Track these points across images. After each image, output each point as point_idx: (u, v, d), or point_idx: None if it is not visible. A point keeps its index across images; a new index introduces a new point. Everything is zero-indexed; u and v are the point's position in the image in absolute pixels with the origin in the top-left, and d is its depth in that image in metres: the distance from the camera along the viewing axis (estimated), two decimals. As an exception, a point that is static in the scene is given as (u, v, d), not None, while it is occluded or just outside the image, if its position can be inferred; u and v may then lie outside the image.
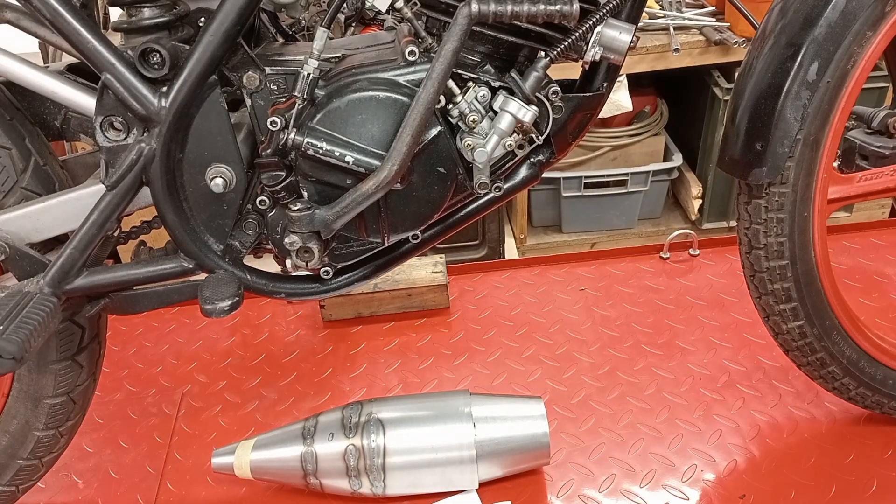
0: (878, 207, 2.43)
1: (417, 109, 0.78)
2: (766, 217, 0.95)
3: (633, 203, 2.53)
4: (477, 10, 0.75)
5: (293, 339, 1.47)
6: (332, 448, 1.05)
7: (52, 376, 0.97)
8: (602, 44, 0.80)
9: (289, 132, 0.81)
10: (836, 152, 0.97)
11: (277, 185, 0.84)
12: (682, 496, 1.10)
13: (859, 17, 0.86)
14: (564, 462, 1.16)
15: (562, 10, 0.76)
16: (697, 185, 2.49)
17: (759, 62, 0.90)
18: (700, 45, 2.17)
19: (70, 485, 1.20)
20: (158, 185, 0.84)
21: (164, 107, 0.81)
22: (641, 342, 1.38)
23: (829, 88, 0.88)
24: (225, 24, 0.79)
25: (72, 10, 0.79)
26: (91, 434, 1.28)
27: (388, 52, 0.87)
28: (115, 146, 0.83)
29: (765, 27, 0.91)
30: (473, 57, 0.84)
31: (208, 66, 0.81)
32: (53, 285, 0.86)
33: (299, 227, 0.84)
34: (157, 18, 0.83)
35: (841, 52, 0.87)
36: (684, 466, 1.14)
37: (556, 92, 0.84)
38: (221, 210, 0.88)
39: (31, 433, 1.01)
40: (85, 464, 1.23)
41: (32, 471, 1.05)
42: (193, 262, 0.90)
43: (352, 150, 0.82)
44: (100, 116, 0.82)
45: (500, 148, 0.83)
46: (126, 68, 0.80)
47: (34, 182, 0.89)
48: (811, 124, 0.89)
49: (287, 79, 0.84)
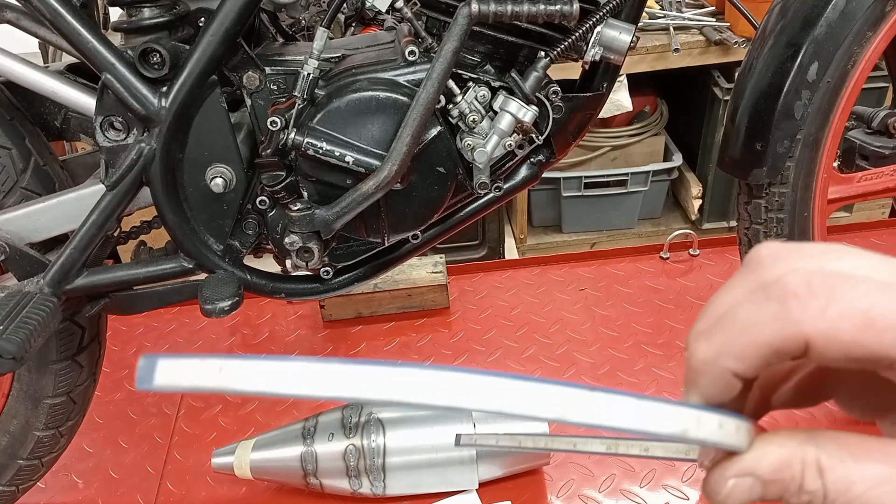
0: (878, 207, 2.43)
1: (417, 109, 0.78)
2: (766, 217, 0.95)
3: (634, 203, 2.52)
4: (477, 10, 0.75)
5: (293, 339, 1.47)
6: (332, 448, 1.05)
7: (52, 376, 0.97)
8: (602, 44, 0.80)
9: (289, 132, 0.81)
10: (837, 152, 0.97)
11: (277, 186, 0.84)
12: (683, 496, 1.09)
13: (859, 17, 0.86)
14: (564, 462, 1.16)
15: (562, 10, 0.76)
16: (697, 185, 2.49)
17: (759, 62, 0.90)
18: (700, 45, 2.17)
19: (70, 485, 1.20)
20: (158, 184, 0.84)
21: (163, 107, 0.81)
22: (641, 342, 1.38)
23: (829, 88, 0.88)
24: (225, 24, 0.79)
25: (72, 10, 0.79)
26: (91, 434, 1.28)
27: (388, 52, 0.87)
28: (115, 146, 0.83)
29: (765, 27, 0.91)
30: (473, 57, 0.84)
31: (208, 66, 0.81)
32: (53, 285, 0.86)
33: (299, 228, 0.84)
34: (157, 18, 0.83)
35: (841, 52, 0.87)
36: (684, 466, 1.14)
37: (556, 92, 0.84)
38: (221, 210, 0.88)
39: (32, 433, 1.01)
40: (85, 464, 1.23)
41: (32, 471, 1.05)
42: (193, 262, 0.90)
43: (352, 150, 0.82)
44: (100, 116, 0.82)
45: (500, 148, 0.83)
46: (126, 68, 0.80)
47: (34, 182, 0.88)
48: (811, 124, 0.89)
49: (287, 79, 0.84)
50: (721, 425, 0.30)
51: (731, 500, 0.31)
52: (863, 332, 0.27)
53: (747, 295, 0.30)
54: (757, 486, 0.30)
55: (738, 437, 0.30)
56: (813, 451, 0.29)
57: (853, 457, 0.28)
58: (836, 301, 0.27)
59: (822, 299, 0.28)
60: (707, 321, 0.32)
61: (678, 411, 0.29)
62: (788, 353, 0.29)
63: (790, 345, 0.28)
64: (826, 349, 0.28)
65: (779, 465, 0.29)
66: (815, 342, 0.28)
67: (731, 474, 0.30)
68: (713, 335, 0.30)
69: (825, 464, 0.29)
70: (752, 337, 0.29)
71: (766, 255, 0.31)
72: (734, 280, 0.32)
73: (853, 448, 0.29)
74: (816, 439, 0.29)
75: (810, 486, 0.29)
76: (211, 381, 0.29)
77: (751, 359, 0.29)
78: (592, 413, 0.28)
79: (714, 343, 0.30)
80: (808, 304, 0.28)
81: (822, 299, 0.28)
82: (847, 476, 0.28)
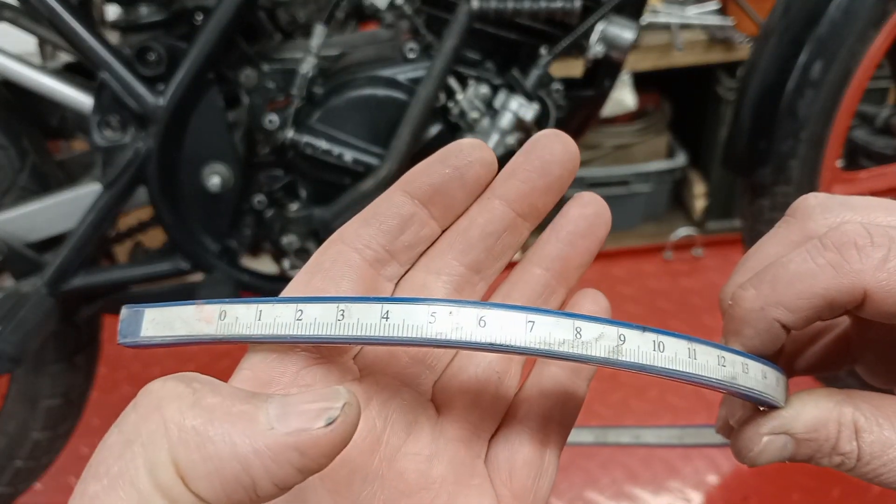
0: (882, 207, 2.42)
1: (417, 107, 0.78)
2: (769, 217, 0.94)
3: (636, 202, 2.51)
4: (478, 7, 0.75)
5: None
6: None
7: (50, 377, 0.96)
8: (605, 41, 0.79)
9: (287, 130, 0.80)
10: (840, 151, 0.97)
11: (275, 185, 0.84)
12: (685, 499, 1.09)
13: (862, 15, 0.85)
14: (567, 465, 1.15)
15: (564, 7, 0.75)
16: (702, 185, 2.48)
17: (762, 60, 0.90)
18: (704, 43, 2.16)
19: (67, 486, 1.19)
20: (155, 183, 0.83)
21: (160, 105, 0.80)
22: (644, 343, 1.37)
23: (832, 87, 0.87)
24: (222, 22, 0.79)
25: (69, 8, 0.78)
26: (88, 436, 1.28)
27: (388, 49, 0.86)
28: (113, 145, 0.82)
29: (768, 25, 0.91)
30: (474, 54, 0.83)
31: (205, 65, 0.80)
32: (50, 286, 0.86)
33: (297, 227, 0.83)
34: (154, 16, 0.82)
35: (844, 50, 0.86)
36: (687, 469, 1.13)
37: (558, 90, 0.83)
38: (218, 209, 0.87)
39: (29, 434, 1.00)
40: (82, 465, 1.22)
41: (30, 472, 1.05)
42: (190, 262, 0.89)
43: (350, 148, 0.81)
44: (97, 115, 0.82)
45: (500, 147, 0.82)
46: (123, 67, 0.79)
47: (31, 181, 0.88)
48: (815, 123, 0.89)
49: (285, 76, 0.83)
50: (765, 375, 0.28)
51: (763, 457, 0.30)
52: None
53: (796, 245, 0.29)
54: (790, 445, 0.29)
55: (778, 390, 0.29)
56: (850, 411, 0.28)
57: (889, 419, 0.28)
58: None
59: (883, 250, 0.27)
60: (750, 271, 0.30)
61: (726, 356, 0.28)
62: (843, 305, 0.28)
63: (846, 296, 0.27)
64: (884, 302, 0.27)
65: (815, 423, 0.29)
66: (873, 294, 0.27)
67: (767, 430, 0.29)
68: (762, 284, 0.29)
69: (862, 425, 0.28)
70: (805, 286, 0.28)
71: (815, 206, 0.30)
72: (777, 231, 0.31)
73: (888, 411, 0.28)
74: (854, 400, 0.29)
75: (845, 447, 0.28)
76: (208, 328, 0.27)
77: (803, 310, 0.28)
78: (641, 354, 0.26)
79: (763, 292, 0.29)
80: (870, 254, 0.27)
81: (883, 250, 0.27)
82: (884, 438, 0.28)
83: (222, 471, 0.22)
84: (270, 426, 0.22)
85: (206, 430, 0.22)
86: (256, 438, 0.22)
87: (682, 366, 0.27)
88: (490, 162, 0.31)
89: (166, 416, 0.23)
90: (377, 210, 0.31)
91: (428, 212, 0.31)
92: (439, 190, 0.31)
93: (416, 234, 0.31)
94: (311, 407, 0.23)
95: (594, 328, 0.26)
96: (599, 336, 0.26)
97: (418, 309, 0.26)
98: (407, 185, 0.31)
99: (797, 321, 0.28)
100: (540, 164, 0.31)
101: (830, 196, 0.30)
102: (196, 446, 0.22)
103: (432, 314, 0.26)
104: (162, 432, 0.22)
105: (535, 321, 0.26)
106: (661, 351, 0.27)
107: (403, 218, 0.31)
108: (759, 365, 0.28)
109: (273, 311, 0.27)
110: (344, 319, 0.26)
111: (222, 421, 0.22)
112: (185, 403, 0.23)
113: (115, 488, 0.22)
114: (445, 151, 0.31)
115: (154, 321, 0.28)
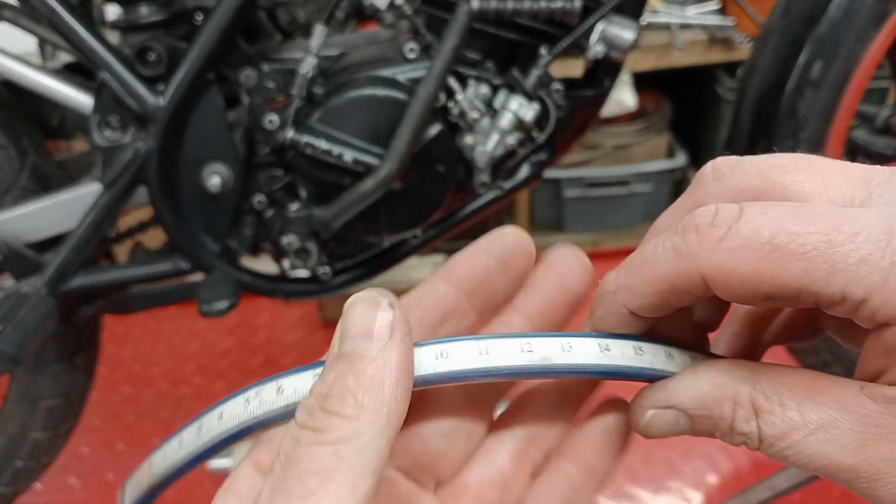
0: (882, 207, 2.42)
1: (417, 107, 0.78)
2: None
3: (637, 202, 2.51)
4: (478, 7, 0.75)
5: (292, 340, 1.47)
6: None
7: (49, 378, 0.96)
8: (605, 41, 0.79)
9: (287, 131, 0.80)
10: (840, 151, 0.97)
11: (275, 185, 0.84)
12: (685, 499, 1.09)
13: (862, 15, 0.85)
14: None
15: (564, 7, 0.75)
16: (701, 185, 2.47)
17: (762, 61, 0.90)
18: (704, 43, 2.16)
19: (67, 487, 1.19)
20: (155, 183, 0.83)
21: (160, 105, 0.80)
22: (643, 343, 1.37)
23: (832, 87, 0.87)
24: (222, 22, 0.79)
25: (69, 8, 0.78)
26: (88, 436, 1.28)
27: (388, 49, 0.86)
28: (112, 145, 0.82)
29: (768, 25, 0.91)
30: (474, 54, 0.83)
31: (205, 65, 0.80)
32: (50, 285, 0.85)
33: (297, 227, 0.83)
34: (154, 16, 0.82)
35: (844, 50, 0.86)
36: (687, 469, 1.13)
37: (558, 90, 0.83)
38: (218, 209, 0.87)
39: (29, 434, 1.00)
40: (82, 465, 1.23)
41: (30, 472, 1.05)
42: (190, 263, 0.89)
43: (350, 148, 0.81)
44: (97, 115, 0.81)
45: (500, 147, 0.82)
46: (123, 67, 0.79)
47: (31, 181, 0.88)
48: (815, 123, 0.89)
49: (285, 76, 0.83)
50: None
51: (652, 430, 0.29)
52: (763, 264, 0.23)
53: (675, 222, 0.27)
54: (683, 420, 0.28)
55: (668, 365, 0.28)
56: (747, 390, 0.26)
57: (795, 399, 0.25)
58: (738, 230, 0.24)
59: (721, 230, 0.24)
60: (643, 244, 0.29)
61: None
62: (688, 290, 0.25)
63: (686, 281, 0.25)
64: (725, 284, 0.24)
65: (705, 400, 0.27)
66: (711, 277, 0.24)
67: (650, 404, 0.28)
68: (622, 267, 0.28)
69: (762, 405, 0.26)
70: (648, 271, 0.26)
71: (708, 173, 0.28)
72: (677, 202, 0.29)
73: (797, 389, 0.25)
74: (755, 377, 0.26)
75: (743, 427, 0.26)
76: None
77: (648, 295, 0.27)
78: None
79: (619, 275, 0.28)
80: (707, 235, 0.24)
81: (721, 230, 0.24)
82: (785, 420, 0.25)
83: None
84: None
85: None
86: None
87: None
88: (531, 253, 0.32)
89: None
90: (420, 300, 0.31)
91: (470, 302, 0.31)
92: (483, 283, 0.31)
93: (457, 327, 0.31)
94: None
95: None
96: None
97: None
98: (451, 274, 0.31)
99: (644, 306, 0.27)
100: (559, 280, 0.32)
101: (728, 160, 0.28)
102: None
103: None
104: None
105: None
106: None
107: (446, 311, 0.31)
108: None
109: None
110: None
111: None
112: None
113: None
114: (489, 242, 0.31)
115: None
